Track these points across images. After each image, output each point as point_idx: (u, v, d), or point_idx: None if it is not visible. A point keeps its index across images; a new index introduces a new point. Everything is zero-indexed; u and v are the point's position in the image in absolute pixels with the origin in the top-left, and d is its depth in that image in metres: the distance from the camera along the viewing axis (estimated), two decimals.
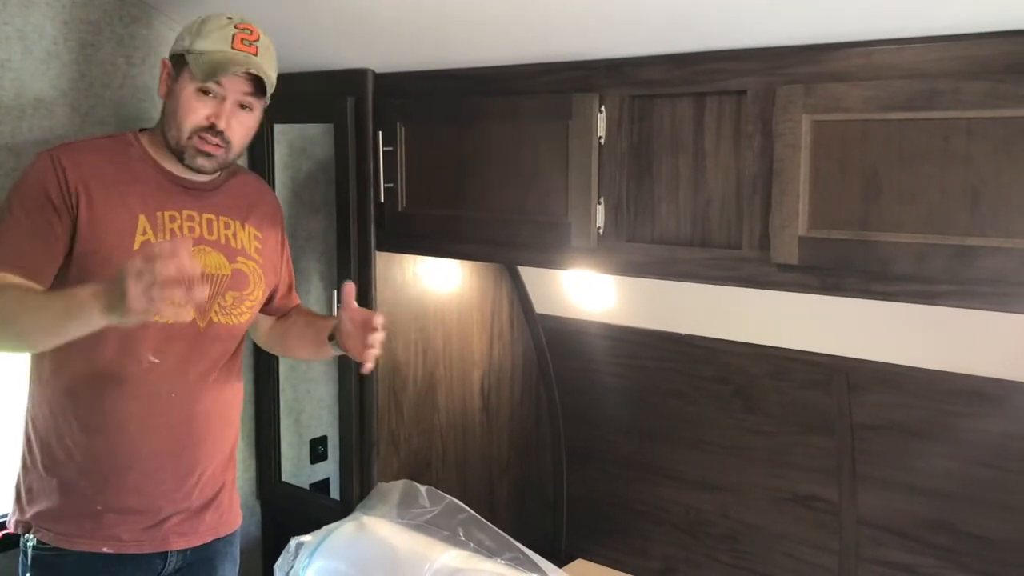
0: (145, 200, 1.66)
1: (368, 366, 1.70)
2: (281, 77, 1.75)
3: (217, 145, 1.66)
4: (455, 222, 2.07)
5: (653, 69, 1.74)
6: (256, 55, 1.65)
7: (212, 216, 1.74)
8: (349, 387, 2.29)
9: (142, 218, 1.64)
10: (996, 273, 1.41)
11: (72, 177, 1.59)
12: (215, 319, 1.73)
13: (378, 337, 1.65)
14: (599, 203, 1.83)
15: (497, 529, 2.07)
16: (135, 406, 1.65)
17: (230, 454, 1.84)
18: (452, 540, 2.08)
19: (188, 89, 1.63)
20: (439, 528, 2.12)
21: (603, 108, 1.80)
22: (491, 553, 2.03)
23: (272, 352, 2.06)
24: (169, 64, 1.68)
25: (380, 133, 2.13)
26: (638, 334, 2.53)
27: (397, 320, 2.36)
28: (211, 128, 1.64)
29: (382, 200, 2.15)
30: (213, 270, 1.72)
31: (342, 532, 2.15)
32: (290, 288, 1.97)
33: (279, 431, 2.53)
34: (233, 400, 1.83)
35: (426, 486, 2.21)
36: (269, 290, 1.86)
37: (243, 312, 1.78)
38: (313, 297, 2.53)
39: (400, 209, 2.15)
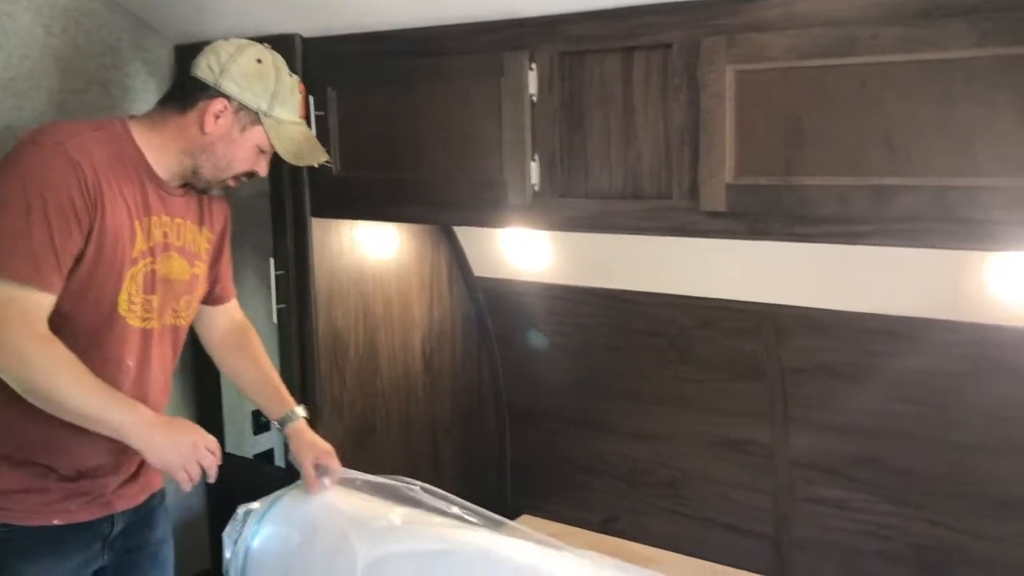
0: (137, 204, 1.65)
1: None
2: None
3: (243, 182, 1.79)
4: (391, 185, 2.08)
5: (582, 25, 1.77)
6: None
7: (181, 220, 1.76)
8: (290, 355, 2.30)
9: (137, 224, 1.65)
10: (911, 211, 1.48)
11: (92, 181, 1.56)
12: (170, 322, 1.77)
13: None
14: (533, 160, 1.86)
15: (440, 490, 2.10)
16: None
17: None
18: (399, 500, 2.11)
19: (252, 144, 1.72)
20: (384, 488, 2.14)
21: (534, 65, 1.82)
22: (438, 510, 2.06)
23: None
24: (231, 108, 1.69)
25: (311, 98, 2.12)
26: (574, 292, 2.57)
27: (336, 286, 2.36)
28: (251, 173, 1.77)
29: (316, 165, 2.15)
30: (177, 275, 1.75)
31: (290, 497, 2.15)
32: (227, 282, 1.99)
33: (220, 403, 2.52)
34: (169, 389, 1.87)
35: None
36: (213, 283, 1.92)
37: (189, 315, 1.84)
38: (249, 270, 2.52)
39: (334, 174, 2.15)
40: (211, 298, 1.94)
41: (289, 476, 2.29)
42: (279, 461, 2.59)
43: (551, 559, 1.85)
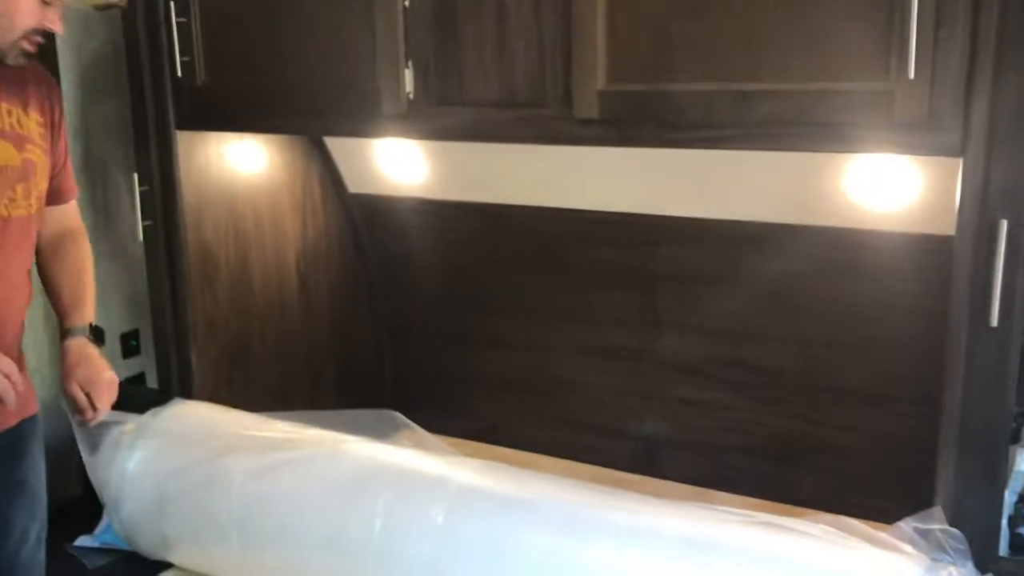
0: None
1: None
2: None
3: (39, 43, 1.62)
4: (259, 95, 2.03)
5: None
6: None
7: None
8: (159, 273, 2.24)
9: None
10: (771, 115, 1.55)
11: None
12: (8, 213, 1.65)
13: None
14: (407, 67, 1.84)
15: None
16: None
17: (20, 345, 1.79)
18: (277, 416, 2.11)
19: None
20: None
21: None
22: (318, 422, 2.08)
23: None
24: None
25: (172, 4, 2.03)
26: (450, 207, 2.58)
27: (204, 202, 2.30)
28: (42, 31, 1.60)
29: (179, 75, 2.07)
30: (2, 161, 1.63)
31: (164, 417, 2.13)
32: (63, 179, 1.86)
33: None
34: (28, 293, 1.76)
35: None
36: (51, 178, 1.78)
37: (32, 204, 1.70)
38: (111, 186, 2.43)
39: (199, 83, 2.07)
40: (48, 195, 1.81)
41: (163, 397, 2.26)
42: (151, 383, 2.54)
43: (431, 461, 1.91)
